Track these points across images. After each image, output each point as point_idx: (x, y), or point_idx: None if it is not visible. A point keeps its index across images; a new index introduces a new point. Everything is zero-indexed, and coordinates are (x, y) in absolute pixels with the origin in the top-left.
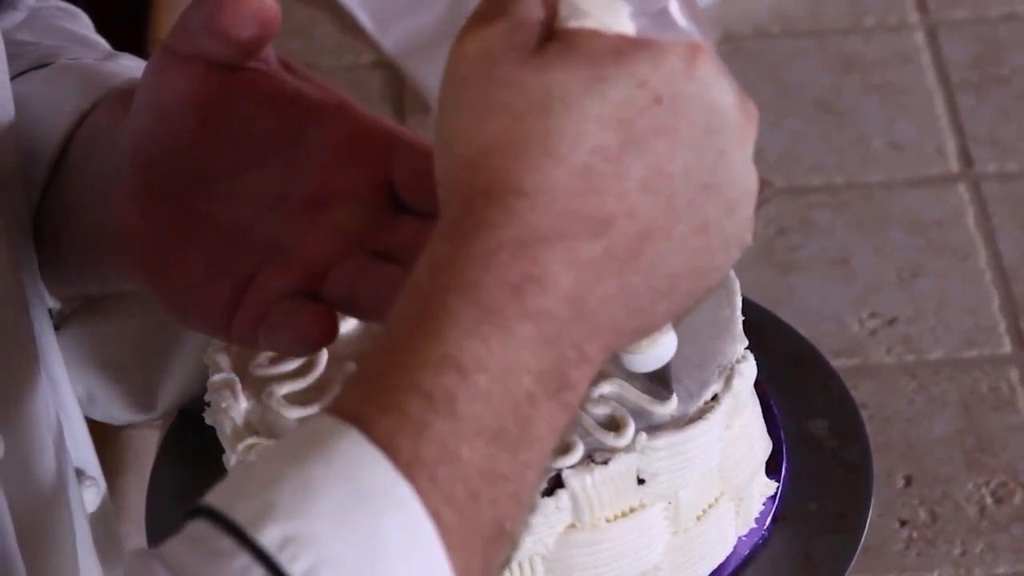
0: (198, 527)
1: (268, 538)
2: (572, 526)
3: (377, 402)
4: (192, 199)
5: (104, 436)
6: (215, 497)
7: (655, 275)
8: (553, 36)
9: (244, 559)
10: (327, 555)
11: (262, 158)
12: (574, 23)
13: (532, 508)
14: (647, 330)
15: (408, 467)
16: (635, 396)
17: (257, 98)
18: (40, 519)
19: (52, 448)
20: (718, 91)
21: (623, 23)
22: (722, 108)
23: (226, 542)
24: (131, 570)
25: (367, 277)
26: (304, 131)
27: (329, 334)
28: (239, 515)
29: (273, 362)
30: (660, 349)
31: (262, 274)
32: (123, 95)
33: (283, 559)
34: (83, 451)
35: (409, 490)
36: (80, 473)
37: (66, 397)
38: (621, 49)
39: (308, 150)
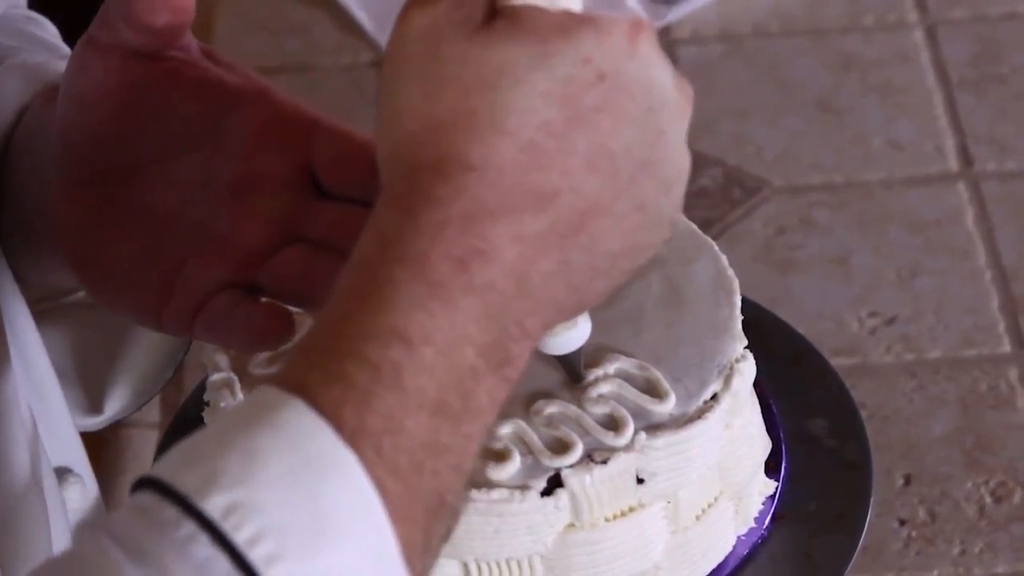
0: (144, 498)
1: (212, 506)
2: (571, 525)
3: (323, 373)
4: (118, 187)
5: (102, 436)
6: (161, 468)
7: (595, 252)
8: (498, 13)
9: (189, 527)
10: (272, 522)
11: (185, 145)
12: None
13: (471, 481)
14: (583, 307)
15: (353, 437)
16: (634, 396)
17: (178, 86)
18: (10, 515)
19: (23, 444)
20: (658, 69)
21: None
22: (662, 86)
23: (171, 511)
24: (78, 543)
25: (317, 270)
26: (225, 117)
27: (286, 332)
28: (183, 484)
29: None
30: (574, 333)
31: (191, 263)
32: (55, 89)
33: (228, 526)
34: (68, 449)
35: (354, 459)
36: (66, 471)
37: (49, 394)
38: (566, 25)
39: (230, 136)
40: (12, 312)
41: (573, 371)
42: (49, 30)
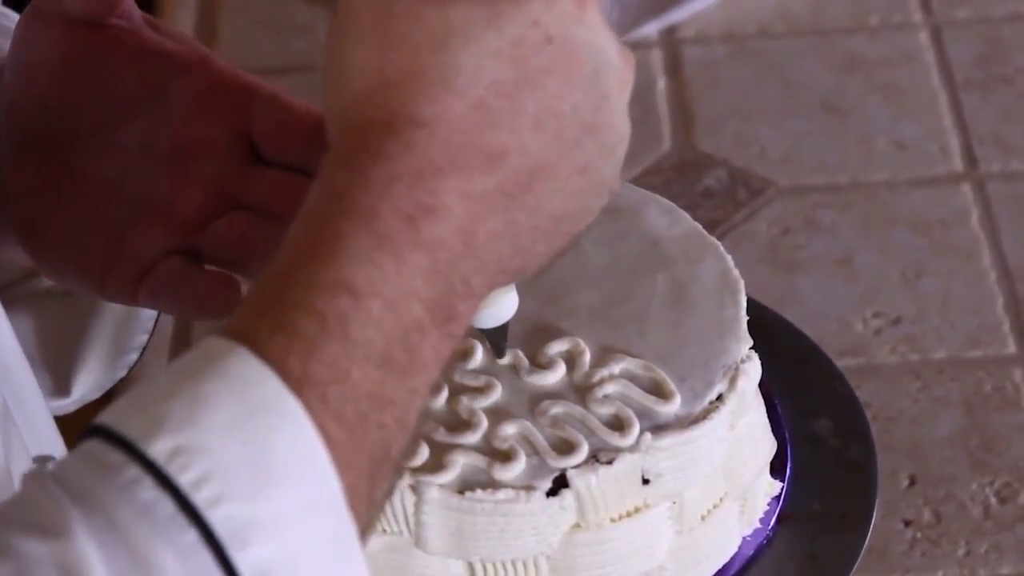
0: (90, 445)
1: (157, 450)
2: (577, 526)
3: (269, 322)
4: (63, 156)
5: None
6: (106, 415)
7: (540, 213)
8: None
9: (134, 471)
10: (217, 465)
11: (127, 113)
12: None
13: (416, 438)
14: (525, 270)
15: (298, 385)
16: (639, 396)
17: (119, 53)
18: None
19: None
20: (603, 36)
21: None
22: (607, 52)
23: (116, 456)
24: (23, 489)
25: (255, 236)
26: (166, 84)
27: (233, 299)
28: (128, 430)
29: None
30: (500, 308)
31: (133, 231)
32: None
33: (172, 469)
34: (45, 438)
35: (298, 406)
36: (47, 459)
37: (20, 383)
38: None
39: (170, 103)
40: None
41: (498, 347)
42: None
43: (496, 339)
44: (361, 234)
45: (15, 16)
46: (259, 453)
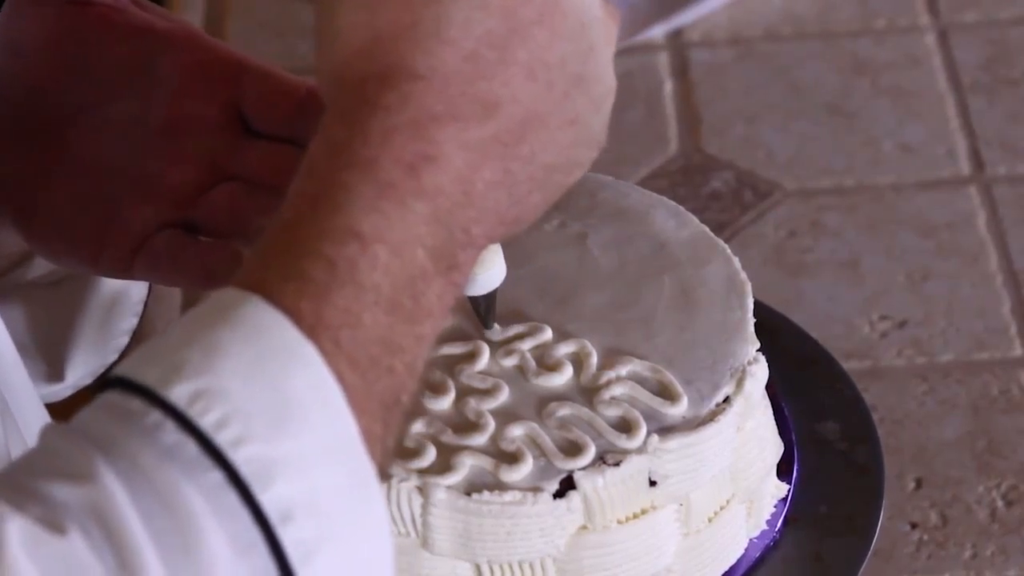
0: (109, 396)
1: (177, 394)
2: (583, 528)
3: (280, 271)
4: (53, 135)
5: None
6: (124, 367)
7: (534, 164)
8: None
9: (155, 416)
10: (237, 407)
11: (117, 90)
12: None
13: (419, 385)
14: (522, 220)
15: (311, 330)
16: (646, 398)
17: (108, 31)
18: None
19: None
20: None
21: None
22: (591, 4)
23: (136, 403)
24: (46, 439)
25: (247, 205)
26: (155, 61)
27: (231, 268)
28: (147, 378)
29: None
30: (489, 275)
31: (126, 205)
32: None
33: (193, 412)
34: (36, 427)
35: (313, 350)
36: None
37: (11, 373)
38: None
39: (159, 79)
40: None
41: (487, 315)
42: None
43: (485, 307)
44: (364, 184)
45: None
46: (277, 395)
